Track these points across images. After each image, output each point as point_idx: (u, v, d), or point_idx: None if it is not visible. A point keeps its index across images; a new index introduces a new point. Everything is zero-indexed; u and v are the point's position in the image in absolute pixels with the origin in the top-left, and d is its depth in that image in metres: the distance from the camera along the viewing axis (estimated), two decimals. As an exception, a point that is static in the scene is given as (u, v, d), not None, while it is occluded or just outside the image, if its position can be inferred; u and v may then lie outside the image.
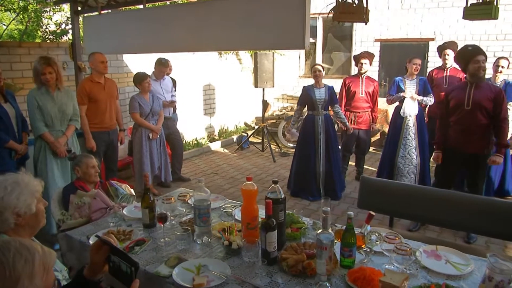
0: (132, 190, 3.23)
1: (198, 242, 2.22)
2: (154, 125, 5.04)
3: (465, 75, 3.95)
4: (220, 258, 2.05)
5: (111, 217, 2.56)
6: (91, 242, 2.17)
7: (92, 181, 3.01)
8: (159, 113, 5.15)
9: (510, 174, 4.96)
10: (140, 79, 4.93)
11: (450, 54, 5.23)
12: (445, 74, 5.31)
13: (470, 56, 3.60)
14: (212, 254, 2.11)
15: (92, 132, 4.53)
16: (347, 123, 5.43)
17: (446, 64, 5.30)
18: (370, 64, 5.57)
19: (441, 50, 5.37)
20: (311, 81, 5.23)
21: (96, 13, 4.93)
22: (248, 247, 1.95)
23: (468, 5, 3.31)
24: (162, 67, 5.50)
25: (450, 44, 5.35)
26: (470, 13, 3.31)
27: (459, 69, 5.36)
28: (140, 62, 6.46)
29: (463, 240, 3.98)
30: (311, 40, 9.25)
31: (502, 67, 4.70)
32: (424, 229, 4.21)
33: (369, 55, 5.52)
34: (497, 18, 3.27)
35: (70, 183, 3.01)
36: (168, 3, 4.70)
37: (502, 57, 4.79)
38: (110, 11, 5.06)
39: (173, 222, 2.47)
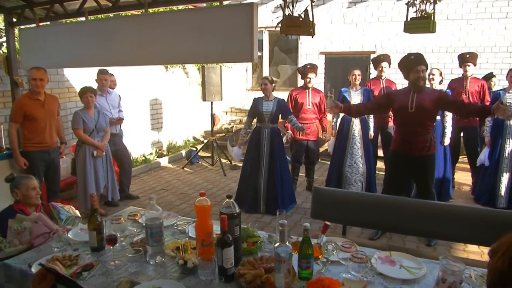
0: (77, 212, 3.06)
1: (151, 263, 2.12)
2: (99, 142, 4.84)
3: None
4: (176, 278, 1.97)
5: (55, 241, 2.39)
6: (33, 270, 2.01)
7: (33, 204, 2.82)
8: (105, 129, 4.95)
9: (449, 178, 5.24)
10: (80, 93, 4.75)
11: (385, 66, 5.77)
12: (382, 86, 5.77)
13: (411, 66, 3.71)
14: (166, 274, 2.02)
15: (31, 151, 4.30)
16: (303, 127, 5.18)
17: (382, 75, 5.79)
18: (316, 75, 5.69)
19: (377, 62, 5.79)
20: (259, 94, 5.23)
21: (33, 25, 4.67)
22: (204, 264, 1.88)
23: (408, 19, 3.48)
24: (101, 74, 5.33)
25: (386, 57, 5.84)
26: (410, 27, 3.48)
27: (392, 80, 5.88)
28: (83, 77, 6.19)
29: (424, 244, 4.10)
30: (258, 53, 9.37)
31: (433, 74, 5.02)
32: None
33: (314, 68, 5.60)
34: (434, 32, 3.46)
35: (9, 207, 2.78)
36: (111, 15, 4.54)
37: (434, 68, 5.14)
38: (49, 23, 4.82)
39: (124, 243, 2.36)
